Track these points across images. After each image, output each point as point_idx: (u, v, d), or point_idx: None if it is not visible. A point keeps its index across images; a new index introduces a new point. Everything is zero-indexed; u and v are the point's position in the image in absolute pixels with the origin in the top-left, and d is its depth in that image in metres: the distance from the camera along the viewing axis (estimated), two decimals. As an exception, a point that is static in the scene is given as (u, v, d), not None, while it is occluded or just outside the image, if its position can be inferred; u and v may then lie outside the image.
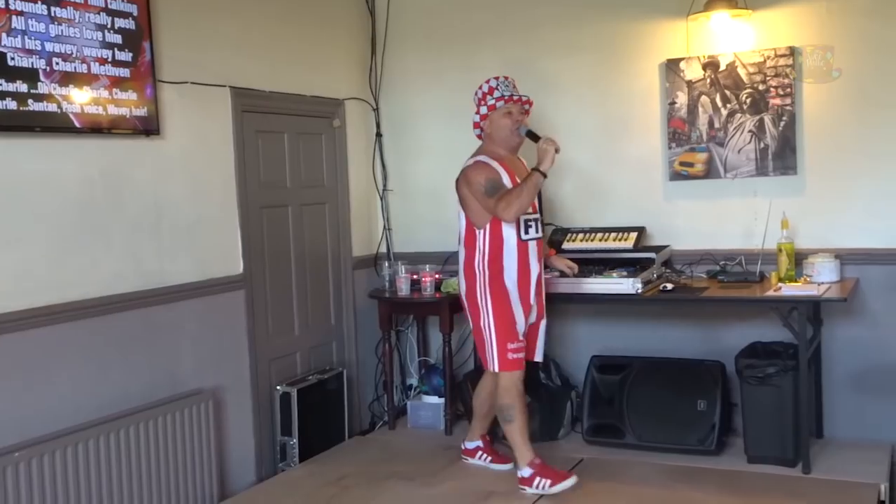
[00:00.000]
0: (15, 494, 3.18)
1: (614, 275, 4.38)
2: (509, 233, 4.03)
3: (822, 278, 4.22)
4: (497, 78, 4.18)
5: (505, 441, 4.32)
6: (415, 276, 4.96)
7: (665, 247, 4.72)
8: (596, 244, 4.71)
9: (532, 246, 4.09)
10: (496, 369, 4.06)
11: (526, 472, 4.00)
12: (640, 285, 4.24)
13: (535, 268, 4.10)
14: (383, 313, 5.08)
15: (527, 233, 4.07)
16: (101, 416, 3.60)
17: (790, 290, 4.10)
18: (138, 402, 3.78)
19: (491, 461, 4.35)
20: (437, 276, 4.93)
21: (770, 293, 4.10)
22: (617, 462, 4.36)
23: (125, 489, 3.63)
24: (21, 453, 3.21)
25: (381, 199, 5.51)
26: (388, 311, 5.09)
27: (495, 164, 4.08)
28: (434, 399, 5.10)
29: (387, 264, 5.23)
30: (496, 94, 4.13)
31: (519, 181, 4.03)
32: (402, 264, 5.07)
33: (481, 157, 4.13)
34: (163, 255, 3.97)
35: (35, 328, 3.38)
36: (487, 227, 4.05)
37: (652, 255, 4.55)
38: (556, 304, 4.88)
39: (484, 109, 4.15)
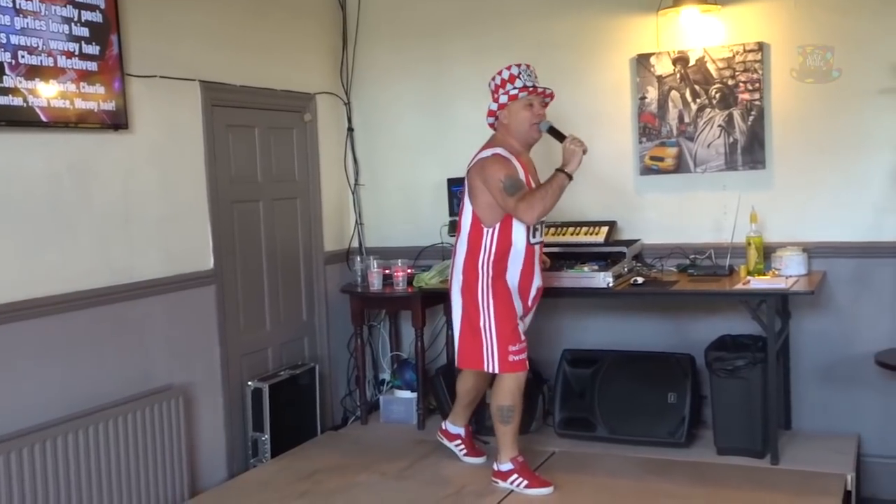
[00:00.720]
0: (-18, 493, 3.15)
1: (585, 269, 4.40)
2: (519, 235, 3.92)
3: (790, 271, 4.26)
4: (519, 65, 3.98)
5: (479, 437, 4.34)
6: (387, 271, 4.95)
7: (636, 241, 4.75)
8: (567, 238, 4.74)
9: (537, 250, 4.05)
10: (496, 370, 3.97)
11: (505, 466, 3.99)
12: (611, 279, 4.27)
13: (536, 272, 4.06)
14: (355, 308, 5.07)
15: (534, 236, 3.99)
16: (70, 413, 3.57)
17: (759, 283, 4.14)
18: (108, 398, 3.75)
19: (465, 453, 4.34)
20: (409, 270, 4.92)
21: (739, 286, 4.14)
22: (588, 455, 4.39)
23: (95, 486, 3.60)
24: (-12, 451, 3.18)
25: (353, 193, 5.50)
26: (360, 306, 5.09)
27: (513, 160, 3.90)
28: (406, 394, 5.10)
29: (359, 259, 5.22)
30: (518, 82, 3.92)
31: (532, 181, 3.93)
32: (374, 259, 5.06)
33: (499, 150, 3.91)
34: (132, 250, 3.94)
35: (2, 324, 3.34)
36: (498, 225, 3.90)
37: (623, 248, 4.58)
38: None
39: (504, 98, 3.92)
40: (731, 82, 4.57)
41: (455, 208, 5.08)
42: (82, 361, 3.68)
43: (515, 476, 3.96)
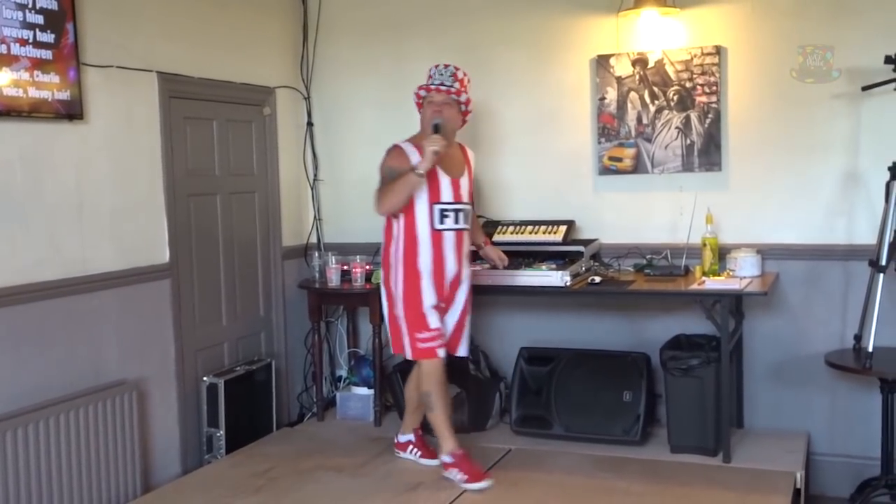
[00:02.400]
0: (-74, 488, 3.08)
1: (543, 267, 4.42)
2: (421, 221, 4.00)
3: (744, 272, 4.32)
4: (437, 65, 4.16)
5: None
6: (345, 267, 4.93)
7: (594, 240, 4.78)
8: (526, 237, 4.75)
9: (448, 237, 4.05)
10: (409, 357, 4.10)
11: (447, 458, 4.04)
12: (568, 278, 4.29)
13: (450, 259, 4.06)
14: (313, 304, 5.05)
15: (441, 222, 4.02)
16: (19, 408, 3.50)
17: (713, 283, 4.20)
18: (59, 393, 3.69)
19: (420, 456, 4.32)
20: (367, 266, 4.91)
21: (694, 287, 4.19)
22: (544, 452, 4.41)
23: (44, 482, 3.54)
24: (-67, 446, 3.11)
25: (312, 188, 5.47)
26: (318, 302, 5.06)
27: (412, 151, 4.02)
28: (363, 390, 5.09)
29: (317, 254, 5.18)
30: (427, 82, 4.13)
31: (440, 174, 4.01)
32: (332, 255, 5.04)
33: (402, 143, 4.10)
34: (85, 242, 3.87)
35: (-51, 317, 3.28)
36: (403, 215, 4.02)
37: (581, 248, 4.60)
38: (486, 296, 4.91)
39: (415, 98, 4.18)
40: (688, 84, 4.62)
41: (414, 205, 5.08)
42: (31, 355, 3.61)
43: (454, 470, 4.00)
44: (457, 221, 4.08)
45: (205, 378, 4.54)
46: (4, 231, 3.51)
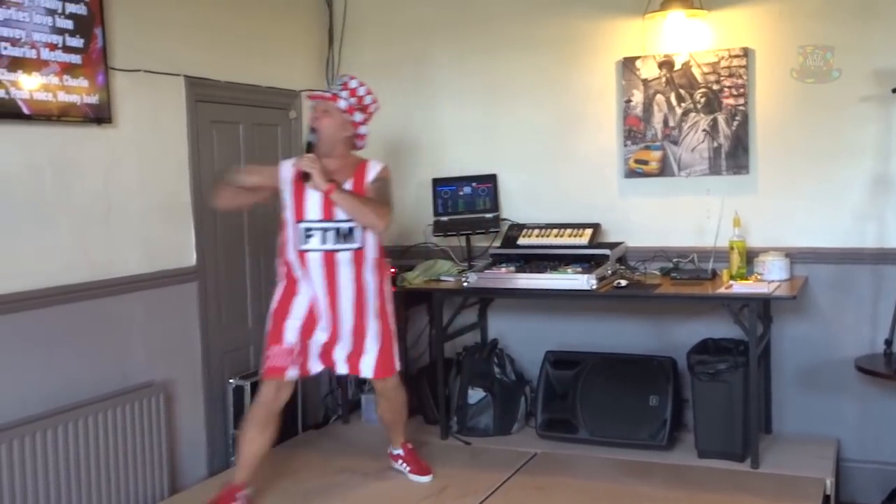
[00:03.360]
0: (-43, 489, 3.11)
1: (569, 271, 4.40)
2: (290, 240, 3.79)
3: (772, 276, 4.28)
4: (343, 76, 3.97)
5: (459, 436, 4.31)
6: (370, 270, 4.93)
7: (619, 243, 4.75)
8: (551, 240, 4.73)
9: (313, 258, 3.73)
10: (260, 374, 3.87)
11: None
12: (594, 281, 4.27)
13: (318, 282, 3.74)
14: (338, 307, 5.04)
15: (305, 242, 3.73)
16: (48, 409, 3.53)
17: (741, 287, 4.16)
18: (87, 394, 3.72)
19: (410, 471, 4.16)
20: (392, 269, 4.89)
21: (721, 290, 4.15)
22: (569, 456, 4.39)
23: (73, 483, 3.56)
24: (-36, 447, 3.14)
25: (337, 192, 5.46)
26: (343, 305, 5.06)
27: (287, 173, 3.76)
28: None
29: (342, 258, 5.19)
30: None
31: (307, 190, 3.69)
32: (357, 258, 5.04)
33: (286, 161, 3.90)
34: (113, 245, 3.90)
35: (-20, 319, 3.31)
36: (280, 234, 3.86)
37: (606, 251, 4.58)
38: (511, 300, 4.93)
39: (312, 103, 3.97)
40: (715, 87, 4.58)
41: (439, 208, 5.08)
42: (61, 357, 3.64)
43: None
44: (324, 241, 3.72)
45: (231, 380, 4.56)
46: (34, 234, 3.54)
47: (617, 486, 4.00)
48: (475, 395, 4.79)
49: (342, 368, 3.92)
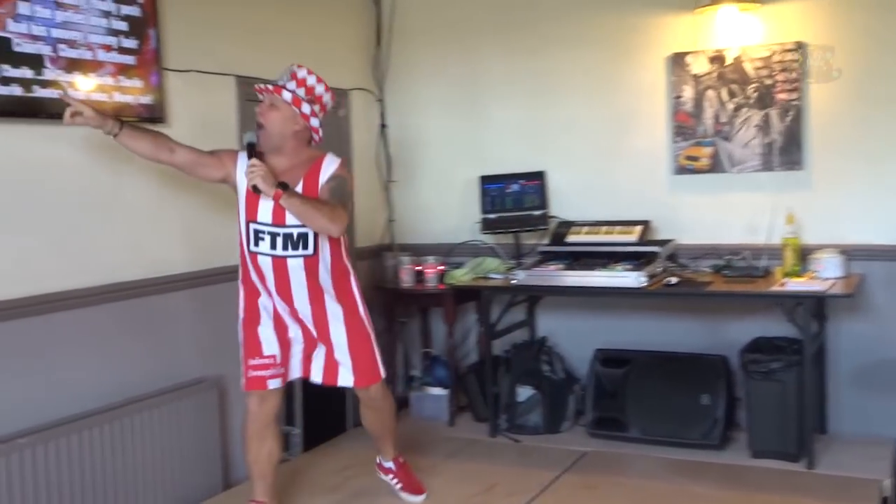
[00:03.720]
0: (20, 481, 3.17)
1: (619, 268, 4.36)
2: (242, 239, 3.51)
3: (827, 274, 4.21)
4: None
5: (509, 434, 4.29)
6: (418, 268, 4.95)
7: (670, 241, 4.70)
8: (600, 237, 4.70)
9: (264, 262, 3.44)
10: (242, 387, 3.61)
11: None
12: (644, 279, 4.23)
13: (270, 289, 3.48)
14: (387, 304, 5.08)
15: (256, 245, 3.44)
16: (104, 405, 3.59)
17: (795, 285, 4.09)
18: (141, 390, 3.77)
19: (401, 488, 3.93)
20: (440, 267, 4.92)
21: (775, 288, 4.09)
22: (620, 455, 4.36)
23: (129, 477, 3.62)
24: (25, 440, 3.20)
25: (385, 190, 5.49)
26: (392, 303, 5.10)
27: (244, 166, 3.38)
28: (437, 391, 5.10)
29: (390, 255, 5.22)
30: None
31: (272, 206, 3.35)
32: (405, 255, 5.06)
33: (243, 155, 3.46)
34: (165, 243, 3.96)
35: (37, 315, 3.37)
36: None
37: (657, 248, 4.53)
38: (560, 298, 4.90)
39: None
40: (768, 82, 4.51)
41: (487, 206, 5.08)
42: (116, 353, 3.70)
43: None
44: (273, 247, 3.41)
45: (281, 377, 4.59)
46: (88, 233, 3.60)
47: (669, 485, 3.96)
48: (524, 392, 4.78)
49: (317, 378, 3.63)
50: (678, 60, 4.70)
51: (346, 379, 3.62)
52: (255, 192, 3.30)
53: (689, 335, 4.75)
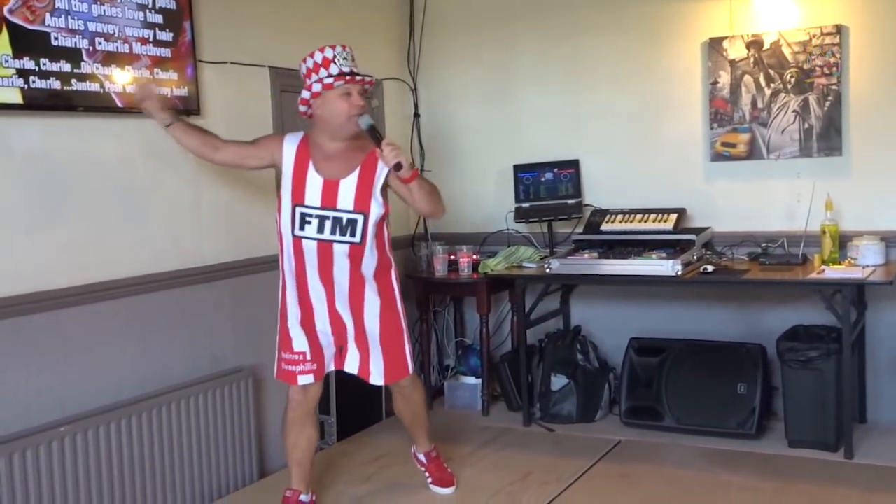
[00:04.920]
0: (60, 468, 3.23)
1: (654, 256, 4.34)
2: (284, 221, 3.45)
3: (866, 261, 4.15)
4: (334, 47, 3.39)
5: (542, 423, 4.29)
6: (452, 257, 4.96)
7: (706, 228, 4.66)
8: (635, 225, 4.67)
9: (308, 247, 3.41)
10: (276, 376, 3.63)
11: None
12: (679, 267, 4.20)
13: (312, 275, 3.45)
14: (420, 294, 5.09)
15: (301, 228, 3.41)
16: (143, 393, 3.65)
17: (834, 272, 4.04)
18: (179, 379, 3.83)
19: (431, 481, 3.92)
20: (474, 256, 4.92)
21: (813, 276, 4.04)
22: (655, 444, 4.34)
23: (167, 465, 3.67)
24: (66, 428, 3.26)
25: (419, 179, 5.49)
26: (425, 292, 5.10)
27: (291, 149, 3.45)
28: (471, 380, 5.11)
29: (424, 245, 5.23)
30: (333, 68, 3.36)
31: (309, 170, 3.39)
32: (439, 245, 5.07)
33: (293, 136, 3.52)
34: (202, 234, 4.00)
35: (78, 306, 3.43)
36: (276, 214, 3.54)
37: (692, 236, 4.50)
38: (595, 286, 4.88)
39: (317, 86, 3.36)
40: (806, 66, 4.45)
41: (521, 195, 5.07)
42: (154, 343, 3.76)
43: None
44: (321, 230, 3.39)
45: (316, 366, 4.62)
46: (128, 224, 3.65)
47: (705, 474, 3.93)
48: (558, 381, 4.77)
49: (352, 369, 3.60)
50: (714, 46, 4.65)
51: (377, 377, 3.59)
52: (396, 170, 3.32)
53: (726, 324, 4.71)
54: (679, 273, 4.20)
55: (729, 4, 4.58)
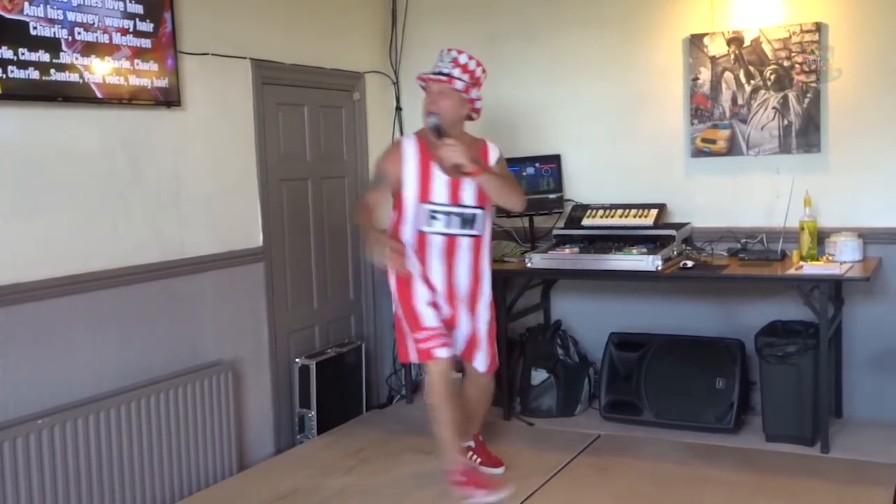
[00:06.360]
0: (38, 460, 3.22)
1: (634, 252, 4.36)
2: (407, 219, 3.67)
3: (844, 257, 4.18)
4: (442, 50, 3.76)
5: (522, 417, 4.31)
6: (433, 251, 4.94)
7: (685, 224, 4.69)
8: (616, 220, 4.68)
9: (435, 241, 3.65)
10: (414, 360, 3.78)
11: (457, 477, 3.68)
12: (659, 262, 4.22)
13: (436, 267, 3.67)
14: (402, 287, 5.08)
15: (429, 224, 3.64)
16: (122, 386, 3.63)
17: (812, 268, 4.07)
18: (159, 372, 3.81)
19: (480, 463, 4.00)
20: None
21: (791, 272, 4.07)
22: (634, 438, 4.36)
23: (146, 458, 3.66)
24: (44, 420, 3.25)
25: (401, 173, 5.49)
26: (407, 286, 5.09)
27: (411, 150, 3.67)
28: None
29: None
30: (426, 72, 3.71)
31: (433, 170, 3.62)
32: (420, 239, 5.06)
33: (407, 138, 3.76)
34: (183, 226, 3.98)
35: (57, 297, 3.41)
36: (393, 209, 3.73)
37: (672, 232, 4.52)
38: (575, 281, 4.89)
39: (423, 84, 3.76)
40: (786, 63, 4.48)
41: (502, 189, 5.06)
42: (134, 335, 3.74)
43: (465, 489, 3.62)
44: (448, 225, 3.65)
45: (297, 360, 4.62)
46: (108, 215, 3.63)
47: (683, 468, 3.96)
48: (538, 376, 4.79)
49: (459, 350, 3.81)
50: (695, 42, 4.67)
51: (481, 363, 3.84)
52: (456, 169, 3.52)
53: (705, 319, 4.74)
54: (659, 268, 4.22)
55: (710, 1, 4.60)
